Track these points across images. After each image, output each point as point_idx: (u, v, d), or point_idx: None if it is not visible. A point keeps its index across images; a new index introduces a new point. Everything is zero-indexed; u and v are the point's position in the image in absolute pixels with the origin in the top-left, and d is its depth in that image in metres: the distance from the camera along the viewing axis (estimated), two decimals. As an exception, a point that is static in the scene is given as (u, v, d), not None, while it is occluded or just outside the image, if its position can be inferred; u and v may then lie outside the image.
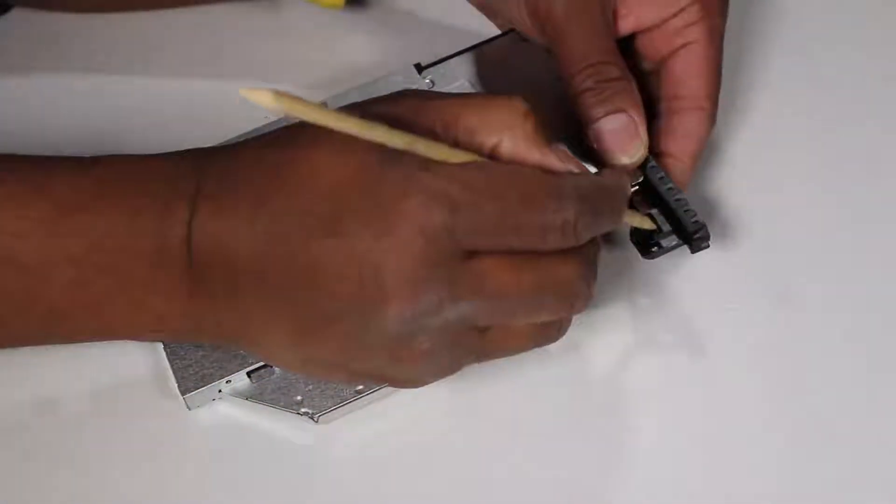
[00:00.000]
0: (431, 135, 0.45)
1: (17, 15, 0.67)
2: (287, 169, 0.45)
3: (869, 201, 0.58)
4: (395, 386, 0.50)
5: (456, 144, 0.46)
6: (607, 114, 0.52)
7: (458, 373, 0.52)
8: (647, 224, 0.53)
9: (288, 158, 0.45)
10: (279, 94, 0.39)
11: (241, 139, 0.50)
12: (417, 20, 0.67)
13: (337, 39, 0.66)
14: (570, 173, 0.47)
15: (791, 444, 0.51)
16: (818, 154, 0.60)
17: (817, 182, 0.59)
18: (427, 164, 0.44)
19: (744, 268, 0.56)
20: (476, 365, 0.52)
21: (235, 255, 0.45)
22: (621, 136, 0.52)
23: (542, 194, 0.45)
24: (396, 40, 0.66)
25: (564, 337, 0.52)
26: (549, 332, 0.48)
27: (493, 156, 0.46)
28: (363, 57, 0.65)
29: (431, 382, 0.48)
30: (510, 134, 0.46)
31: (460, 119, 0.46)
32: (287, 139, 0.46)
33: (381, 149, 0.43)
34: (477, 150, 0.46)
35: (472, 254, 0.44)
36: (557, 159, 0.47)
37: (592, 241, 0.47)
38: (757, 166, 0.60)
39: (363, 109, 0.45)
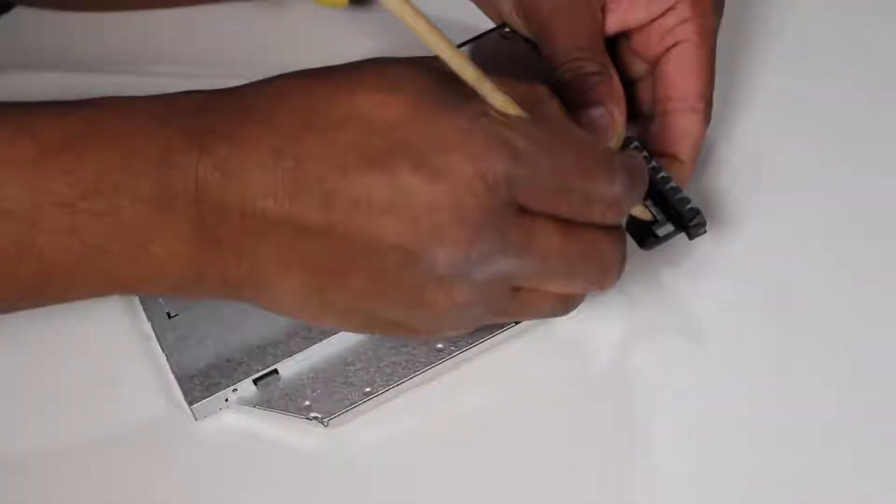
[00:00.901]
0: None
1: (18, 14, 0.67)
2: (328, 105, 0.43)
3: (867, 199, 0.58)
4: (409, 336, 0.49)
5: None
6: (584, 107, 0.52)
7: (467, 375, 0.53)
8: (643, 213, 0.52)
9: (329, 95, 0.44)
10: None
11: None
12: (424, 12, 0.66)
13: (340, 38, 0.66)
14: (620, 153, 0.47)
15: (788, 438, 0.51)
16: (816, 152, 0.60)
17: (814, 180, 0.59)
18: (488, 111, 0.43)
19: (741, 265, 0.56)
20: (483, 369, 0.53)
21: (254, 195, 0.43)
22: (597, 129, 0.52)
23: (599, 164, 0.45)
24: (399, 38, 0.65)
25: (566, 334, 0.54)
26: (569, 303, 0.48)
27: None
28: (367, 55, 0.65)
29: (449, 335, 0.48)
30: (538, 111, 0.46)
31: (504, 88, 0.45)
32: (327, 78, 0.45)
33: (436, 90, 0.43)
34: None
35: (525, 210, 0.44)
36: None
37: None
38: (754, 164, 0.59)
39: None
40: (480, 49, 0.60)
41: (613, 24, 0.55)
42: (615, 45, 0.56)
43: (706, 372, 0.53)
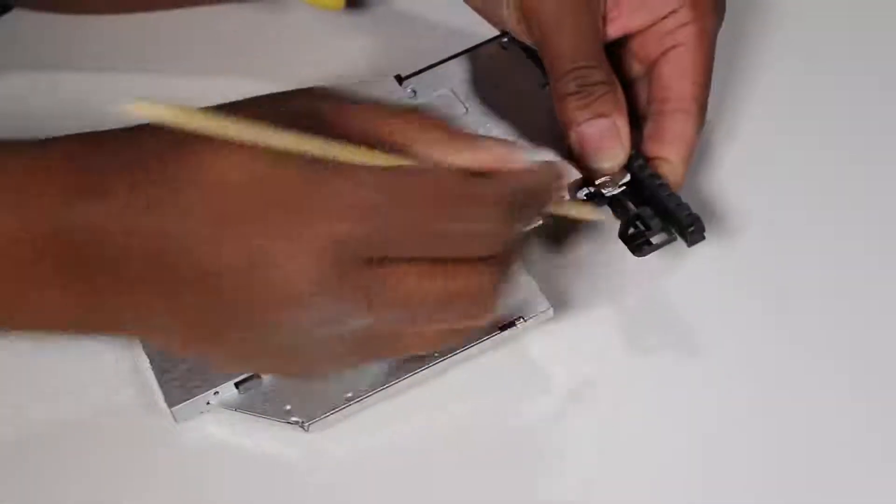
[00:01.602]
0: (347, 139, 0.44)
1: (17, 15, 0.67)
2: (184, 166, 0.43)
3: (868, 200, 0.58)
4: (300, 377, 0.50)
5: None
6: (590, 118, 0.52)
7: (450, 382, 0.52)
8: (587, 213, 0.52)
9: (186, 156, 0.43)
10: (174, 108, 0.39)
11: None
12: (417, 21, 0.67)
13: (337, 41, 0.66)
14: (489, 180, 0.45)
15: (785, 447, 0.51)
16: (815, 154, 0.60)
17: (815, 181, 0.59)
18: (338, 167, 0.43)
19: (738, 269, 0.56)
20: (468, 376, 0.53)
21: (119, 250, 0.43)
22: (602, 140, 0.52)
23: (457, 203, 0.44)
24: (394, 42, 0.66)
25: (553, 341, 0.53)
26: (459, 335, 0.48)
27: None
28: (363, 58, 0.65)
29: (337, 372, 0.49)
30: (423, 142, 0.45)
31: (373, 126, 0.45)
32: (188, 137, 0.43)
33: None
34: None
35: (379, 260, 0.43)
36: (485, 151, 0.46)
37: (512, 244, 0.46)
38: (753, 166, 0.59)
39: (274, 106, 0.44)
40: (478, 58, 0.60)
41: (615, 30, 0.56)
42: (611, 47, 0.56)
43: (704, 376, 0.53)
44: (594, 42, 0.54)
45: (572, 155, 0.53)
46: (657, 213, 0.53)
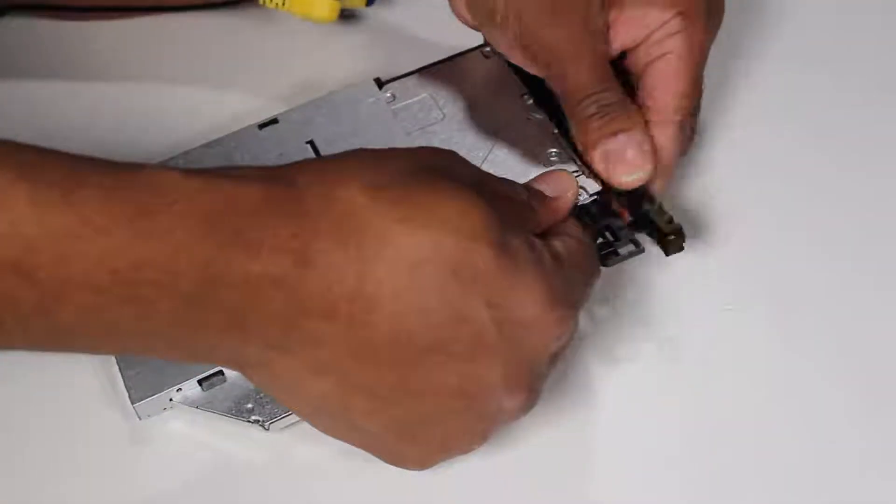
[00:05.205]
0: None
1: (11, 20, 0.68)
2: (411, 245, 0.43)
3: (860, 205, 0.58)
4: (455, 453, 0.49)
5: None
6: (611, 135, 0.53)
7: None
8: None
9: (412, 234, 0.43)
10: None
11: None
12: (406, 33, 0.67)
13: (325, 50, 0.66)
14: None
15: (776, 449, 0.51)
16: (809, 158, 0.60)
17: (807, 187, 0.59)
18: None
19: (728, 273, 0.56)
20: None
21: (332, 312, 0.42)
22: (627, 154, 0.52)
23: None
24: (387, 55, 0.66)
25: None
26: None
27: None
28: (352, 68, 0.65)
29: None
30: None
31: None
32: (405, 207, 0.43)
33: (501, 231, 0.44)
34: None
35: None
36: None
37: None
38: (745, 170, 0.59)
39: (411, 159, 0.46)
40: (460, 66, 0.60)
41: (613, 49, 0.55)
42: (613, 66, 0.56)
43: (691, 381, 0.53)
44: (604, 66, 0.54)
45: (592, 172, 0.54)
46: (638, 221, 0.53)
